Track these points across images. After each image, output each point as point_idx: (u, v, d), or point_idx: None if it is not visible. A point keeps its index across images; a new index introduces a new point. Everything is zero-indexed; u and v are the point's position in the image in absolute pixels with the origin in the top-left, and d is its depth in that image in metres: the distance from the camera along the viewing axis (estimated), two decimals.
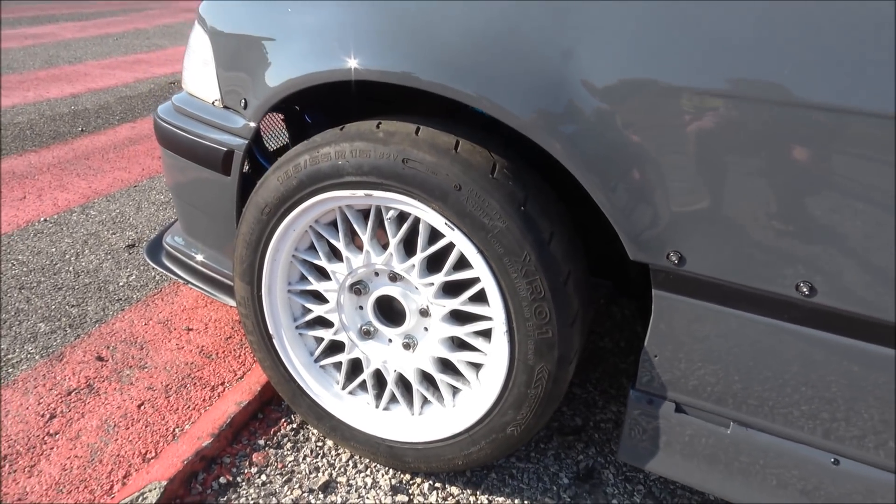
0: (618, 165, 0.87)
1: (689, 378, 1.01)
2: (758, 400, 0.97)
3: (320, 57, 1.04)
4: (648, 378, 1.04)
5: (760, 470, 1.03)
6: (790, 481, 1.01)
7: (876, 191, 0.76)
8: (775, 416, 0.97)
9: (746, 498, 1.06)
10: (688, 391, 1.02)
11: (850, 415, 0.92)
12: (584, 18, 0.86)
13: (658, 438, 1.08)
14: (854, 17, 0.74)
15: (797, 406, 0.95)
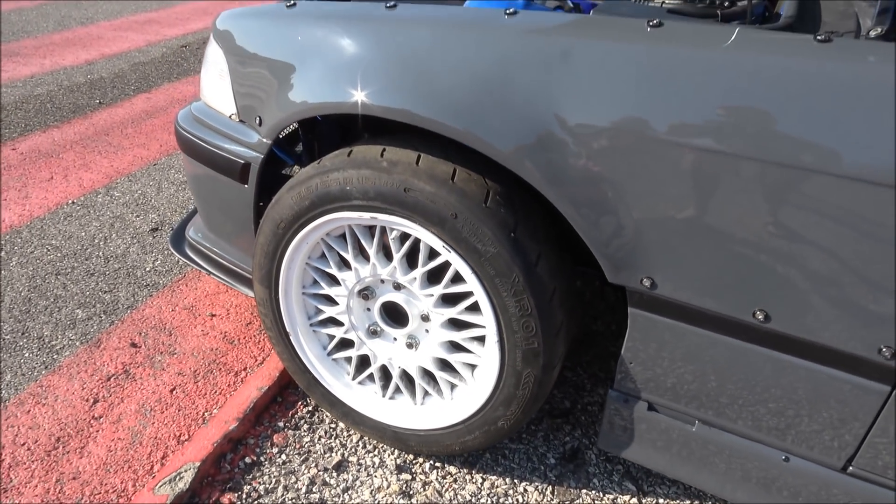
0: (596, 203, 0.97)
1: (659, 382, 1.13)
2: (720, 404, 1.10)
3: (331, 89, 1.13)
4: (625, 380, 1.17)
5: (721, 462, 1.16)
6: (747, 474, 1.15)
7: (819, 236, 0.85)
8: (735, 418, 1.10)
9: (709, 486, 1.20)
10: (659, 393, 1.15)
11: (798, 420, 1.04)
12: (559, 73, 0.94)
13: (633, 431, 1.22)
14: (775, 86, 0.83)
15: (754, 410, 1.08)
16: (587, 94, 0.94)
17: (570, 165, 0.97)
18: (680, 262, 0.98)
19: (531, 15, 1.04)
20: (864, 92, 0.80)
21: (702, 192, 0.91)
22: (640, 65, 0.91)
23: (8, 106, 2.87)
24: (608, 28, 0.97)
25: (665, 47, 0.91)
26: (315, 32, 1.18)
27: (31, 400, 1.41)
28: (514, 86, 0.99)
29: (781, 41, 0.88)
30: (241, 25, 1.31)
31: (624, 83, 0.92)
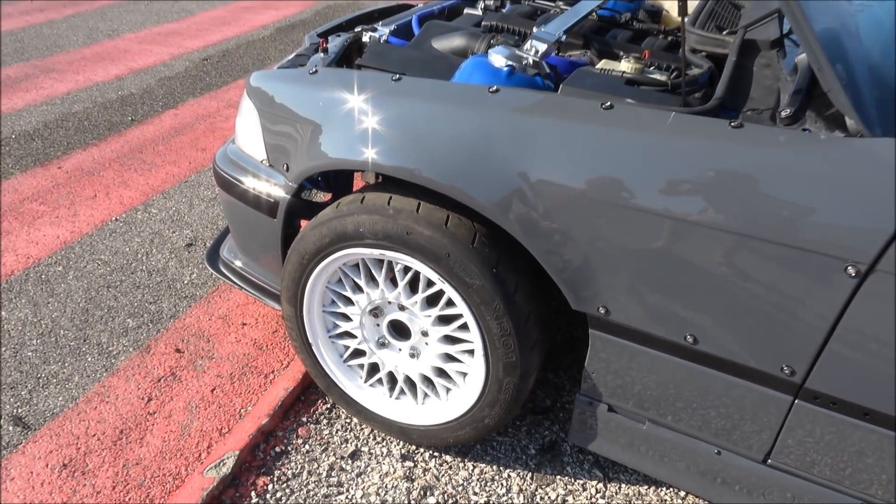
0: (559, 248, 1.21)
1: (616, 389, 1.38)
2: (664, 407, 1.35)
3: (347, 148, 1.37)
4: (589, 387, 1.42)
5: (668, 455, 1.41)
6: (687, 465, 1.40)
7: (732, 279, 1.10)
8: (676, 419, 1.35)
9: (659, 475, 1.45)
10: (616, 397, 1.40)
11: (725, 421, 1.29)
12: (528, 144, 1.18)
13: (597, 429, 1.47)
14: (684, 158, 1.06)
15: (691, 413, 1.32)
16: (549, 162, 1.18)
17: (537, 218, 1.21)
18: (628, 295, 1.22)
19: (509, 93, 1.28)
20: (759, 170, 1.04)
21: (640, 242, 1.15)
22: (591, 141, 1.15)
23: (50, 124, 3.14)
24: (568, 109, 1.21)
25: (611, 128, 1.15)
26: (332, 97, 1.43)
27: (97, 398, 1.68)
28: (493, 153, 1.23)
29: (703, 126, 1.12)
30: (270, 86, 1.56)
31: (578, 154, 1.16)
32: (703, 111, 1.18)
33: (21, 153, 2.88)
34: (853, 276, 1.01)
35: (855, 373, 1.10)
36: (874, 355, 1.06)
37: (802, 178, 1.02)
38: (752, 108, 1.26)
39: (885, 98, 1.14)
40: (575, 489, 1.57)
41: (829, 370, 1.12)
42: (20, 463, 1.51)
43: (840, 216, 1.01)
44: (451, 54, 1.66)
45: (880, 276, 1.00)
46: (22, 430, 1.59)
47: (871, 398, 1.11)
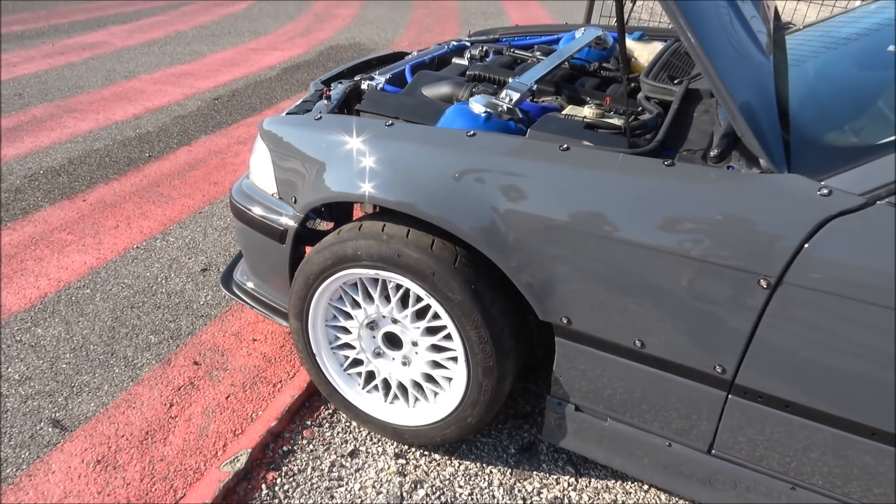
0: (526, 267, 1.43)
1: (580, 390, 1.59)
2: (622, 404, 1.55)
3: (346, 183, 1.60)
4: (557, 388, 1.62)
5: (627, 448, 1.61)
6: (643, 456, 1.59)
7: (670, 292, 1.31)
8: (632, 415, 1.55)
9: (620, 466, 1.65)
10: (580, 397, 1.60)
11: (672, 415, 1.49)
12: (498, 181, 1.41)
13: (566, 426, 1.67)
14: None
15: (643, 409, 1.53)
16: (515, 196, 1.41)
17: (508, 243, 1.44)
18: (585, 306, 1.44)
19: (484, 137, 1.51)
20: (688, 201, 1.26)
21: (593, 262, 1.37)
22: (551, 178, 1.38)
23: (74, 161, 3.40)
24: (532, 150, 1.44)
25: (567, 167, 1.38)
26: (334, 140, 1.66)
27: (125, 404, 1.89)
28: (470, 188, 1.45)
29: (642, 164, 1.35)
30: (280, 130, 1.80)
31: (540, 189, 1.39)
32: (644, 152, 1.41)
33: (49, 187, 3.13)
34: (765, 287, 1.23)
35: (774, 369, 1.31)
36: (788, 354, 1.27)
37: (724, 207, 1.24)
38: (688, 148, 1.49)
39: (800, 140, 1.37)
40: (549, 483, 1.76)
41: (753, 368, 1.33)
42: (59, 459, 1.71)
43: (754, 238, 1.22)
44: (439, 101, 1.90)
45: (787, 287, 1.22)
46: (59, 432, 1.79)
47: (790, 391, 1.32)
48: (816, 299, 1.20)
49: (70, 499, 1.60)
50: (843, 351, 1.22)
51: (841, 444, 1.32)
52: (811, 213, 1.19)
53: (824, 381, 1.27)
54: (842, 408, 1.28)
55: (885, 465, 1.29)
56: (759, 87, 1.41)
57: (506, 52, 2.38)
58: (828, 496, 1.41)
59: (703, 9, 1.33)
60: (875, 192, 1.17)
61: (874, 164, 1.19)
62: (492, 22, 7.10)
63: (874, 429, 1.28)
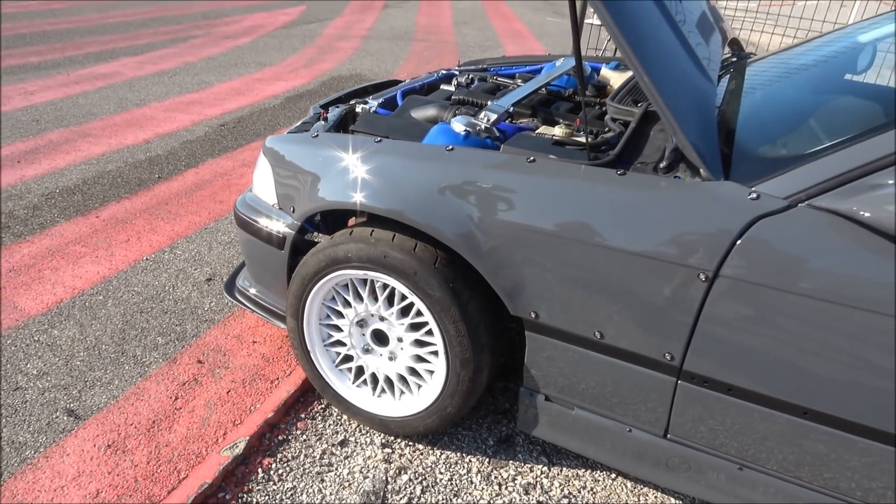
0: (499, 268, 1.61)
1: (549, 380, 1.74)
2: (586, 392, 1.70)
3: (340, 193, 1.78)
4: (529, 380, 1.78)
5: (592, 435, 1.76)
6: (607, 442, 1.74)
7: (622, 287, 1.48)
8: (595, 403, 1.71)
9: (587, 452, 1.79)
10: (550, 388, 1.76)
11: (630, 402, 1.65)
12: (472, 189, 1.60)
13: (537, 416, 1.82)
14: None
15: (604, 397, 1.68)
16: (487, 203, 1.59)
17: (482, 246, 1.61)
18: (550, 302, 1.61)
19: (461, 151, 1.70)
20: (637, 206, 1.44)
21: (556, 261, 1.54)
22: (518, 186, 1.56)
23: (89, 181, 3.61)
24: (502, 162, 1.63)
25: (533, 176, 1.56)
26: (330, 155, 1.85)
27: (134, 397, 2.05)
28: (448, 196, 1.64)
29: (599, 174, 1.53)
30: (281, 147, 1.99)
31: (509, 196, 1.57)
32: (601, 163, 1.59)
33: (65, 205, 3.33)
34: (704, 280, 1.40)
35: (716, 355, 1.47)
36: (726, 340, 1.43)
37: (669, 210, 1.42)
38: (642, 161, 1.67)
39: (739, 152, 1.55)
40: (524, 470, 1.90)
41: (698, 354, 1.49)
42: (73, 444, 1.87)
43: (693, 237, 1.40)
44: (426, 122, 2.10)
45: (722, 280, 1.39)
46: (74, 420, 1.95)
47: (730, 375, 1.48)
48: (747, 290, 1.37)
49: (83, 478, 1.75)
50: (772, 337, 1.38)
51: (777, 424, 1.47)
52: (742, 214, 1.37)
53: (758, 364, 1.43)
54: (775, 389, 1.43)
55: (815, 442, 1.44)
56: (700, 107, 1.60)
57: (489, 80, 2.59)
58: (771, 475, 1.56)
59: (649, 37, 1.53)
60: (796, 195, 1.35)
61: (796, 172, 1.37)
62: (488, 55, 7.40)
63: (805, 408, 1.43)
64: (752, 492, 1.61)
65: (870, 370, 1.31)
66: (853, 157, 1.32)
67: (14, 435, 1.90)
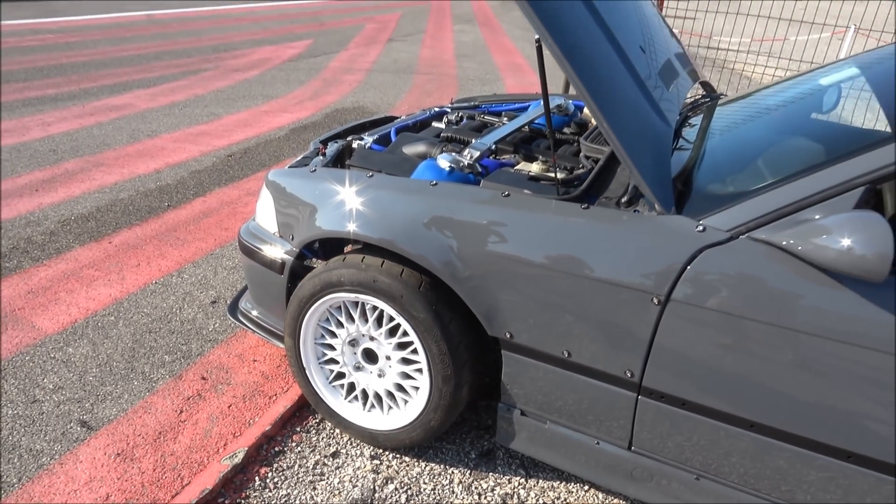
0: (476, 293, 1.77)
1: (524, 396, 1.89)
2: (557, 407, 1.85)
3: (335, 223, 1.96)
4: (506, 396, 1.93)
5: (563, 447, 1.90)
6: (577, 454, 1.89)
7: (585, 312, 1.64)
8: (566, 417, 1.85)
9: (560, 464, 1.93)
10: (525, 403, 1.91)
11: (598, 417, 1.80)
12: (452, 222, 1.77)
13: (514, 429, 1.97)
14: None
15: (574, 411, 1.83)
16: (465, 233, 1.76)
17: (461, 272, 1.78)
18: (523, 323, 1.77)
19: (444, 185, 1.88)
20: (599, 236, 1.61)
21: (526, 286, 1.71)
22: (494, 218, 1.74)
23: (102, 208, 3.82)
24: (480, 196, 1.80)
25: (507, 209, 1.74)
26: (326, 188, 2.04)
27: (142, 410, 2.21)
28: (431, 227, 1.81)
29: (565, 208, 1.70)
30: (282, 180, 2.18)
31: (485, 227, 1.74)
32: (569, 198, 1.77)
33: (79, 231, 3.52)
34: (657, 304, 1.56)
35: (670, 372, 1.62)
36: (679, 358, 1.59)
37: (626, 240, 1.59)
38: (607, 196, 1.85)
39: (694, 190, 1.72)
40: (503, 482, 2.04)
41: (655, 371, 1.64)
42: (85, 452, 2.02)
43: (648, 264, 1.56)
44: (416, 157, 2.28)
45: (673, 304, 1.55)
46: (86, 430, 2.11)
47: (684, 390, 1.63)
48: (695, 313, 1.53)
49: (94, 483, 1.91)
50: (718, 355, 1.54)
51: (726, 436, 1.62)
52: (689, 245, 1.54)
53: (707, 380, 1.58)
54: (723, 404, 1.58)
55: (763, 453, 1.58)
56: (655, 148, 1.78)
57: (477, 118, 2.79)
58: (726, 485, 1.69)
59: (608, 84, 1.71)
60: (738, 228, 1.52)
61: (738, 207, 1.55)
62: (487, 88, 7.65)
63: (751, 421, 1.58)
64: (708, 500, 1.75)
65: (805, 386, 1.46)
66: (786, 195, 1.50)
67: (32, 443, 2.05)
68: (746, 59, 9.46)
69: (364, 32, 12.28)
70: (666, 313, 1.57)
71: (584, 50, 1.63)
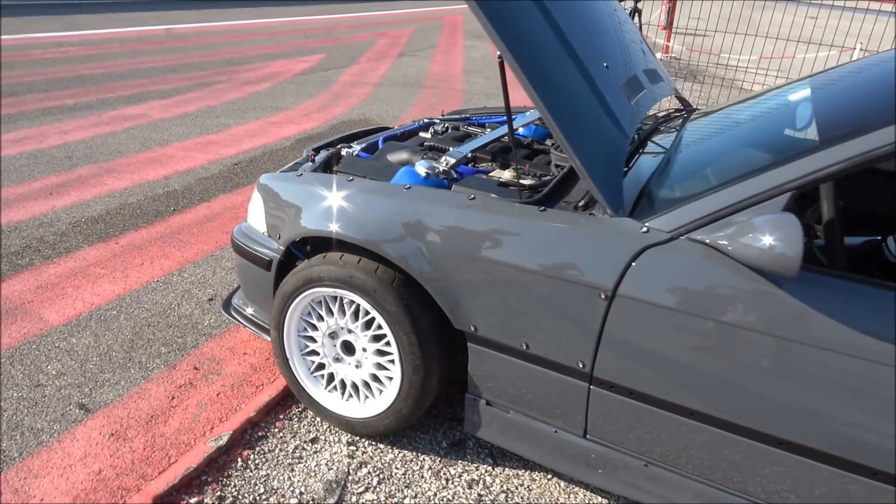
0: (443, 288, 1.91)
1: (488, 386, 2.02)
2: (518, 397, 1.98)
3: (318, 223, 2.11)
4: (472, 386, 2.06)
5: (525, 435, 2.02)
6: (537, 442, 2.01)
7: (541, 308, 1.78)
8: (526, 406, 1.98)
9: (522, 452, 2.05)
10: (490, 394, 2.04)
11: (554, 407, 1.92)
12: (421, 223, 1.91)
13: (480, 419, 2.10)
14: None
15: (533, 400, 1.95)
16: (433, 232, 1.91)
17: (429, 269, 1.92)
18: (485, 317, 1.90)
19: (417, 189, 2.03)
20: (554, 237, 1.75)
21: (489, 282, 1.84)
22: (460, 218, 1.88)
23: (111, 212, 4.01)
24: (449, 199, 1.95)
25: (471, 211, 1.88)
26: (311, 191, 2.19)
27: (136, 395, 2.37)
28: (403, 227, 1.96)
29: (525, 210, 1.84)
30: (272, 183, 2.34)
31: (451, 227, 1.89)
32: (530, 202, 1.91)
33: (88, 232, 3.72)
34: (604, 299, 1.70)
35: (617, 363, 1.75)
36: (625, 350, 1.71)
37: (578, 241, 1.72)
38: (567, 200, 1.99)
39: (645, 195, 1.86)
40: (470, 469, 2.17)
41: (603, 362, 1.77)
42: (82, 432, 2.18)
43: (597, 262, 1.69)
44: (399, 164, 2.43)
45: (619, 299, 1.68)
46: (84, 413, 2.27)
47: (631, 380, 1.75)
48: (638, 307, 1.66)
49: (88, 459, 2.06)
50: (660, 346, 1.66)
51: (671, 424, 1.74)
52: (634, 244, 1.67)
53: (650, 370, 1.70)
54: (666, 393, 1.71)
55: (703, 440, 1.70)
56: (608, 157, 1.91)
57: (462, 129, 2.94)
58: (673, 471, 1.81)
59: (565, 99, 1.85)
60: (678, 230, 1.65)
61: (679, 210, 1.68)
62: (492, 102, 7.83)
63: (692, 410, 1.70)
64: (657, 487, 1.86)
65: (735, 375, 1.58)
66: (722, 200, 1.63)
67: (33, 422, 2.22)
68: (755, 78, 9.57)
69: (376, 47, 12.55)
70: (612, 308, 1.70)
71: (542, 66, 1.77)
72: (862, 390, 1.45)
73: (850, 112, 1.77)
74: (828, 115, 1.84)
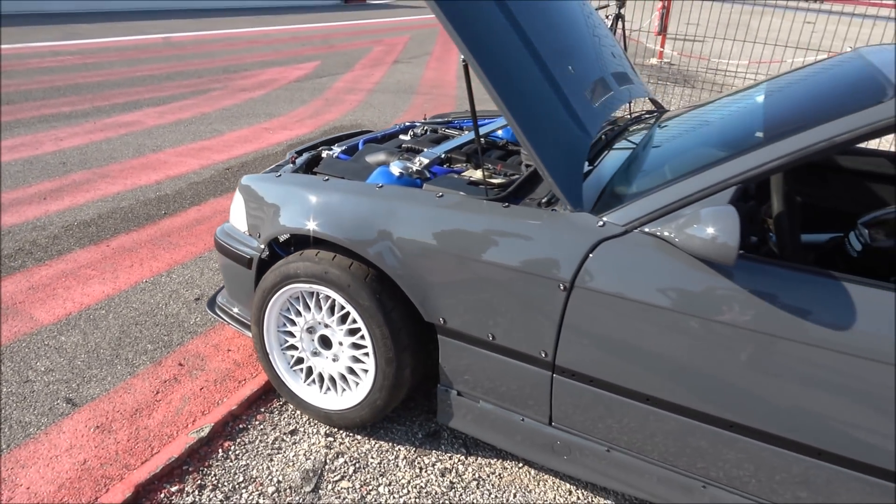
0: (414, 283, 1.99)
1: (460, 378, 2.10)
2: (486, 387, 2.06)
3: (296, 221, 2.20)
4: (443, 378, 2.14)
5: (494, 424, 2.10)
6: (508, 431, 2.08)
7: (506, 300, 1.86)
8: (493, 396, 2.06)
9: (492, 441, 2.13)
10: (460, 384, 2.12)
11: (522, 396, 2.00)
12: (393, 220, 2.00)
13: (452, 409, 2.17)
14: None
15: (500, 390, 2.03)
16: (402, 229, 1.99)
17: (399, 265, 2.00)
18: (453, 310, 1.98)
19: (389, 188, 2.11)
20: (516, 231, 1.83)
21: (456, 275, 1.92)
22: (427, 215, 1.96)
23: (103, 215, 4.10)
24: (418, 197, 2.03)
25: (439, 208, 1.96)
26: (289, 190, 2.28)
27: (122, 390, 2.44)
28: (374, 224, 2.04)
29: (490, 207, 1.93)
30: (253, 184, 2.42)
31: (420, 223, 1.97)
32: (495, 199, 1.99)
33: (80, 235, 3.80)
34: (563, 290, 1.78)
35: (577, 351, 1.83)
36: (584, 339, 1.79)
37: (540, 235, 1.81)
38: (531, 197, 2.07)
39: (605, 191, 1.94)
40: (444, 458, 2.25)
41: (564, 351, 1.85)
42: (69, 425, 2.26)
43: (556, 255, 1.78)
44: (376, 165, 2.52)
45: (577, 290, 1.76)
46: (71, 406, 2.35)
47: (590, 368, 1.83)
48: (594, 297, 1.74)
49: (74, 450, 2.14)
50: (616, 335, 1.74)
51: (630, 410, 1.81)
52: (591, 237, 1.76)
53: (609, 358, 1.78)
54: (623, 379, 1.78)
55: (663, 425, 1.77)
56: (568, 155, 2.00)
57: (440, 131, 3.03)
58: (634, 456, 1.88)
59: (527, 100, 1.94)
60: (631, 223, 1.74)
61: (633, 205, 1.77)
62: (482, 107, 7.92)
63: (648, 395, 1.78)
64: (619, 471, 1.94)
65: (685, 360, 1.66)
66: (672, 194, 1.71)
67: (21, 416, 2.30)
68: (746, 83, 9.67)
69: (371, 55, 12.67)
70: (571, 298, 1.78)
71: (503, 68, 1.86)
72: (801, 373, 1.53)
73: (795, 110, 1.86)
74: (775, 113, 1.92)
